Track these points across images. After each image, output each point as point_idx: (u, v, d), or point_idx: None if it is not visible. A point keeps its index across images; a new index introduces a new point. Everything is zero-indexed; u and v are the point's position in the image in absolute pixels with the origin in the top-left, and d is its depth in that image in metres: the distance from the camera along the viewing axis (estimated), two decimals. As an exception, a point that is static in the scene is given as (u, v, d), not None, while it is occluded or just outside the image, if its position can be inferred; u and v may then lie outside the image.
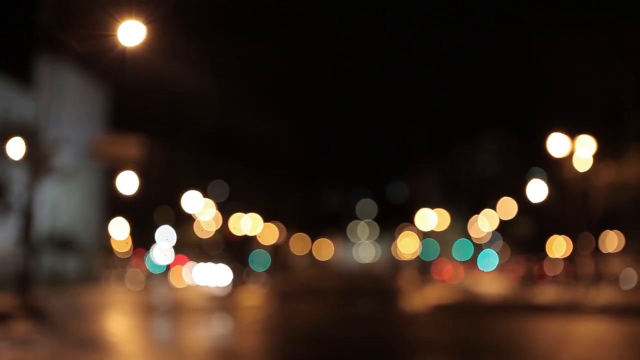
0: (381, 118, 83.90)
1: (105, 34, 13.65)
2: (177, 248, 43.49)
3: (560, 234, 40.83)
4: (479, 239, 53.30)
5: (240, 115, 51.12)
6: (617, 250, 38.29)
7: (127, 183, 31.70)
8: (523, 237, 47.85)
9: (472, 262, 52.57)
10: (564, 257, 40.67)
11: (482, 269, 49.50)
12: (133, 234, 40.49)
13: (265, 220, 54.74)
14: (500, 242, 52.12)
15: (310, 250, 77.39)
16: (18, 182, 21.65)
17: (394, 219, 69.69)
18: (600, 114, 31.03)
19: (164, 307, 24.76)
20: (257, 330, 17.42)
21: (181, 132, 47.97)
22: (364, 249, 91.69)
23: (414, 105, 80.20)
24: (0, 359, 11.50)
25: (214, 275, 37.01)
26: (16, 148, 20.58)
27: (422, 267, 53.39)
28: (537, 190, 31.92)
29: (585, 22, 31.46)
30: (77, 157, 34.89)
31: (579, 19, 32.54)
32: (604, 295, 25.50)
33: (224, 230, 49.95)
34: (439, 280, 44.87)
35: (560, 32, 33.51)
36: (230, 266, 38.37)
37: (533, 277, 40.60)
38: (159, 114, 42.20)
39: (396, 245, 70.23)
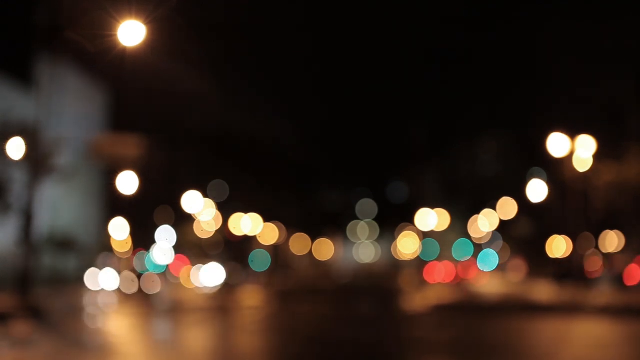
0: (381, 118, 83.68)
1: (105, 34, 13.64)
2: (177, 248, 43.48)
3: (560, 234, 40.84)
4: (479, 239, 53.29)
5: (240, 115, 51.11)
6: (617, 250, 38.30)
7: (127, 183, 31.70)
8: (523, 237, 47.83)
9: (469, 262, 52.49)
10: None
11: (482, 269, 49.45)
12: (133, 234, 40.46)
13: (265, 220, 54.70)
14: (500, 242, 52.10)
15: (310, 250, 77.31)
16: (18, 182, 21.64)
17: (394, 219, 69.65)
18: (600, 114, 31.02)
19: (164, 308, 24.76)
20: (257, 330, 17.43)
21: (181, 132, 47.94)
22: (364, 249, 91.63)
23: (414, 105, 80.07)
24: (0, 359, 11.50)
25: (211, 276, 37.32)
26: (16, 148, 20.58)
27: (422, 268, 53.35)
28: (537, 190, 31.91)
29: (585, 22, 31.46)
30: (77, 157, 34.86)
31: (579, 19, 32.53)
32: (604, 295, 25.50)
33: (224, 230, 49.94)
34: (430, 282, 43.97)
35: (560, 31, 33.53)
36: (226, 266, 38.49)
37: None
38: (158, 114, 42.16)
39: (396, 245, 70.21)
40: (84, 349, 13.03)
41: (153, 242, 42.49)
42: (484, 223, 51.50)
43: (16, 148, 20.56)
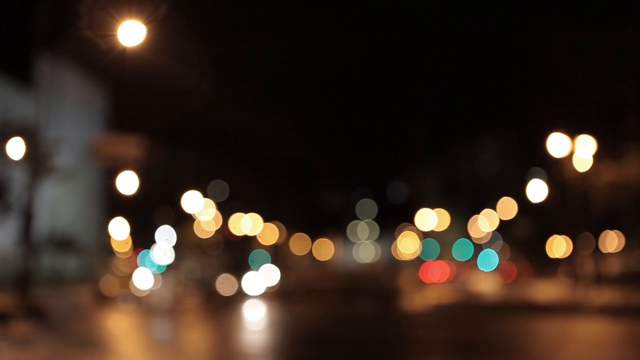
0: (381, 118, 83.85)
1: (105, 34, 13.63)
2: (177, 248, 43.48)
3: (560, 234, 40.83)
4: (479, 239, 53.30)
5: (240, 115, 51.12)
6: (617, 250, 38.29)
7: (127, 183, 31.68)
8: (523, 237, 47.87)
9: (470, 262, 52.46)
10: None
11: (482, 269, 49.41)
12: (133, 234, 40.44)
13: (265, 220, 54.71)
14: (500, 242, 52.11)
15: (310, 250, 77.31)
16: (18, 182, 21.65)
17: (394, 219, 69.63)
18: (600, 114, 31.01)
19: (164, 307, 24.76)
20: (257, 330, 17.43)
21: (181, 132, 47.94)
22: (364, 249, 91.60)
23: (413, 105, 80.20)
24: (0, 359, 11.50)
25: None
26: (16, 148, 20.58)
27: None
28: (537, 190, 31.89)
29: (585, 22, 31.49)
30: (77, 157, 34.89)
31: (579, 19, 32.56)
32: (604, 295, 25.50)
33: (224, 230, 49.93)
34: (426, 281, 43.67)
35: (560, 31, 33.52)
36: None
37: None
38: (159, 114, 42.16)
39: (396, 245, 70.21)
40: (84, 349, 13.03)
41: (153, 242, 42.51)
42: (484, 223, 51.50)
43: (16, 148, 20.56)
